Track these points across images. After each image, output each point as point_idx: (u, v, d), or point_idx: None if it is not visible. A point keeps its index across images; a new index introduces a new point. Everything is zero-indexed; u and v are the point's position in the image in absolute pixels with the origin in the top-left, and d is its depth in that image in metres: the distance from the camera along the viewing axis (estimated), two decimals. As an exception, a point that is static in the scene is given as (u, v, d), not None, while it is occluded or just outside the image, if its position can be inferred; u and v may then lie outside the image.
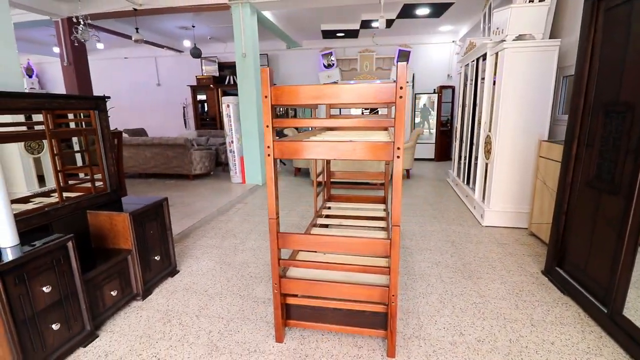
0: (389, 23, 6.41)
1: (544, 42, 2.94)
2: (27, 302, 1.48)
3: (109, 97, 2.22)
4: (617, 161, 1.77)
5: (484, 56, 3.56)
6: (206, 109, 8.90)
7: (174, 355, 1.70)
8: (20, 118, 2.29)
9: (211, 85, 8.45)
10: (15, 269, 1.43)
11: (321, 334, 1.84)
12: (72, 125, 2.90)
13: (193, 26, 6.79)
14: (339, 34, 7.42)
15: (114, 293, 2.02)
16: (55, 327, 1.60)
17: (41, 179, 2.66)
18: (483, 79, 3.62)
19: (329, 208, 3.06)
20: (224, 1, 4.77)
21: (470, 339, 1.79)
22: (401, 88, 1.35)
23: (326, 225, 2.79)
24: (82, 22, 4.65)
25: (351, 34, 7.35)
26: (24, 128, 2.15)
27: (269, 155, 1.53)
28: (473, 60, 4.10)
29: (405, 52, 7.45)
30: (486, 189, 3.51)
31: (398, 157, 1.40)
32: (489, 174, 3.41)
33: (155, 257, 2.36)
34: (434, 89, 7.67)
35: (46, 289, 1.55)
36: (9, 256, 1.45)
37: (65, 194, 2.06)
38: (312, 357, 1.67)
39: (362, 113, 7.47)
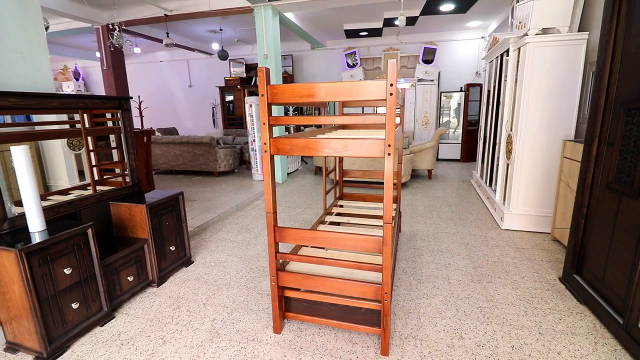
0: (412, 20, 6.28)
1: (569, 35, 2.76)
2: (50, 281, 1.65)
3: (131, 97, 2.40)
4: (638, 163, 1.64)
5: (507, 52, 3.40)
6: (234, 109, 9.21)
7: (178, 338, 1.82)
8: (62, 118, 2.53)
9: (238, 86, 8.73)
10: (40, 251, 1.60)
11: (318, 328, 1.87)
12: (110, 124, 3.15)
13: (221, 29, 7.07)
14: (362, 33, 7.38)
15: (130, 278, 2.18)
16: (74, 306, 1.77)
17: (81, 174, 2.93)
18: (506, 75, 3.46)
19: (341, 206, 3.08)
20: (248, 5, 4.93)
21: (469, 342, 1.74)
22: (391, 85, 1.35)
23: (337, 223, 2.81)
24: (117, 29, 5.01)
25: (374, 32, 7.28)
26: (58, 127, 2.37)
27: (265, 151, 1.59)
28: (497, 57, 3.93)
29: (431, 50, 7.26)
30: (507, 191, 3.36)
31: (389, 154, 1.41)
32: (510, 175, 3.26)
33: (171, 248, 2.51)
34: (461, 87, 7.41)
35: (67, 271, 1.72)
36: (36, 239, 1.62)
37: (98, 187, 2.26)
38: (307, 349, 1.71)
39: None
